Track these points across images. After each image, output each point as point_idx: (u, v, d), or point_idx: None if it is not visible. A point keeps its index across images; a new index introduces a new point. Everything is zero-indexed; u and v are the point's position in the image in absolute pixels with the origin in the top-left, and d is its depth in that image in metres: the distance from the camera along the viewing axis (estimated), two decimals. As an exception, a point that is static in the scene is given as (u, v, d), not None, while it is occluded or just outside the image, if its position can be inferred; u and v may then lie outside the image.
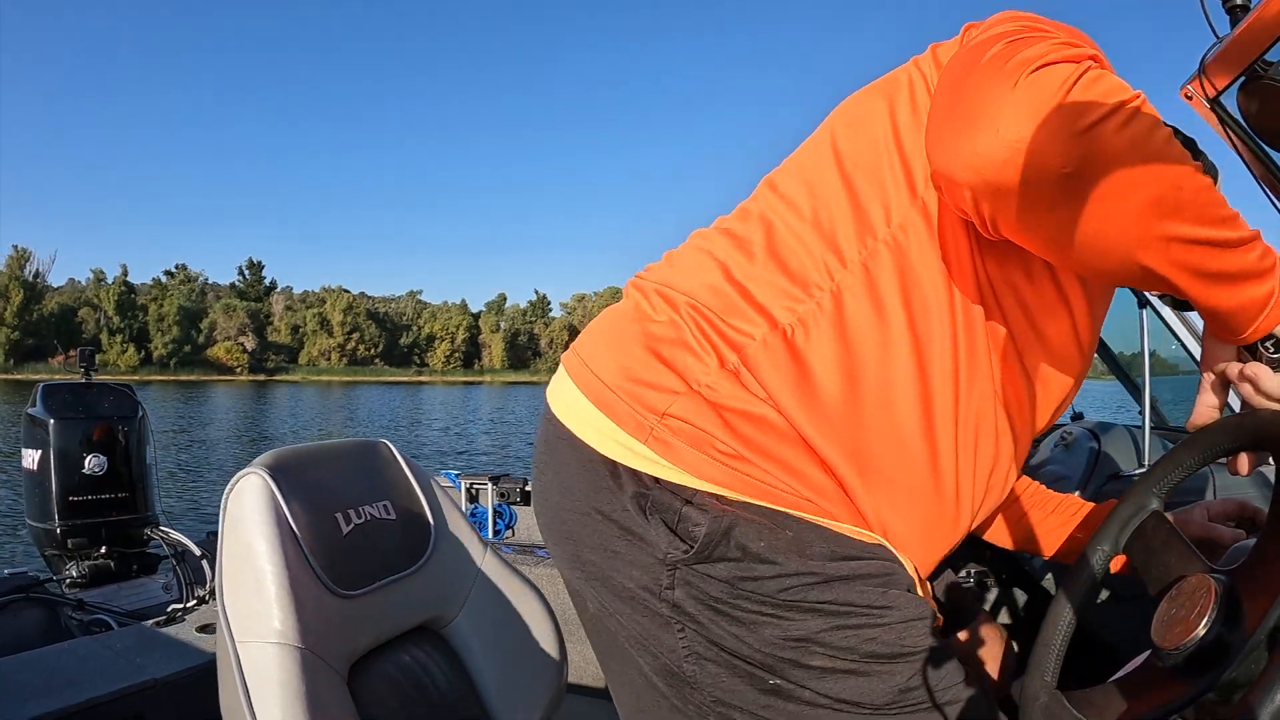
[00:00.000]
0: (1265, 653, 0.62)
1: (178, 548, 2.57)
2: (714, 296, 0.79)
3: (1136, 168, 0.59)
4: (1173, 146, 0.61)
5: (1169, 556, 0.80)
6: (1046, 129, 0.59)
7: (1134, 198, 0.60)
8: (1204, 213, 0.62)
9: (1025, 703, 0.83)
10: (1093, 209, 0.60)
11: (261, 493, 0.85)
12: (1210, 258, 0.63)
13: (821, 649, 0.72)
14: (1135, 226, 0.61)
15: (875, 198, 0.77)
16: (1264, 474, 1.67)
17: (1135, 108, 0.60)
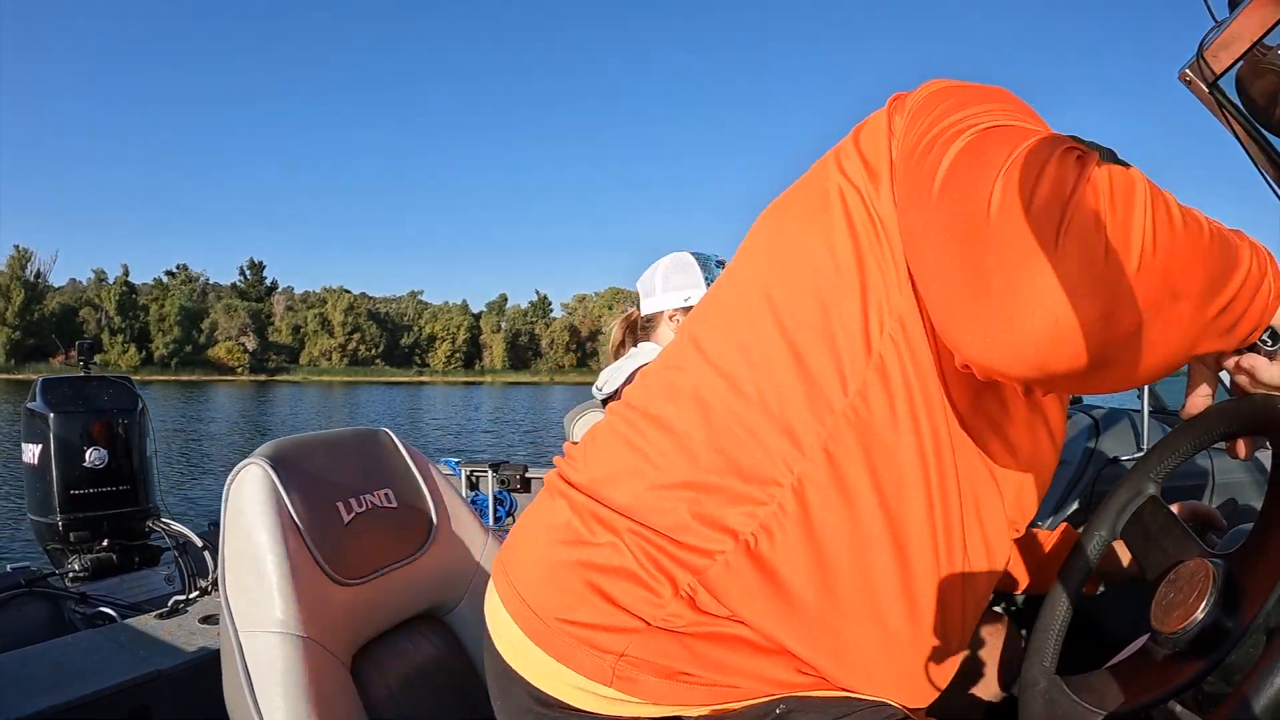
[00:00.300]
0: (1263, 637, 0.62)
1: (179, 539, 2.58)
2: (659, 514, 0.70)
3: (1180, 276, 0.53)
4: (1186, 217, 0.55)
5: (1166, 541, 0.80)
6: (1104, 287, 0.50)
7: (1186, 306, 0.54)
8: (1227, 267, 0.56)
9: (1024, 688, 0.83)
10: (1153, 340, 0.53)
11: (262, 483, 0.84)
12: (1240, 301, 0.57)
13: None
14: (1192, 328, 0.56)
15: (828, 364, 0.68)
16: (1260, 459, 1.68)
17: (1152, 203, 0.52)
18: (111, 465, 2.78)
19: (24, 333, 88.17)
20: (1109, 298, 0.50)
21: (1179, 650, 0.69)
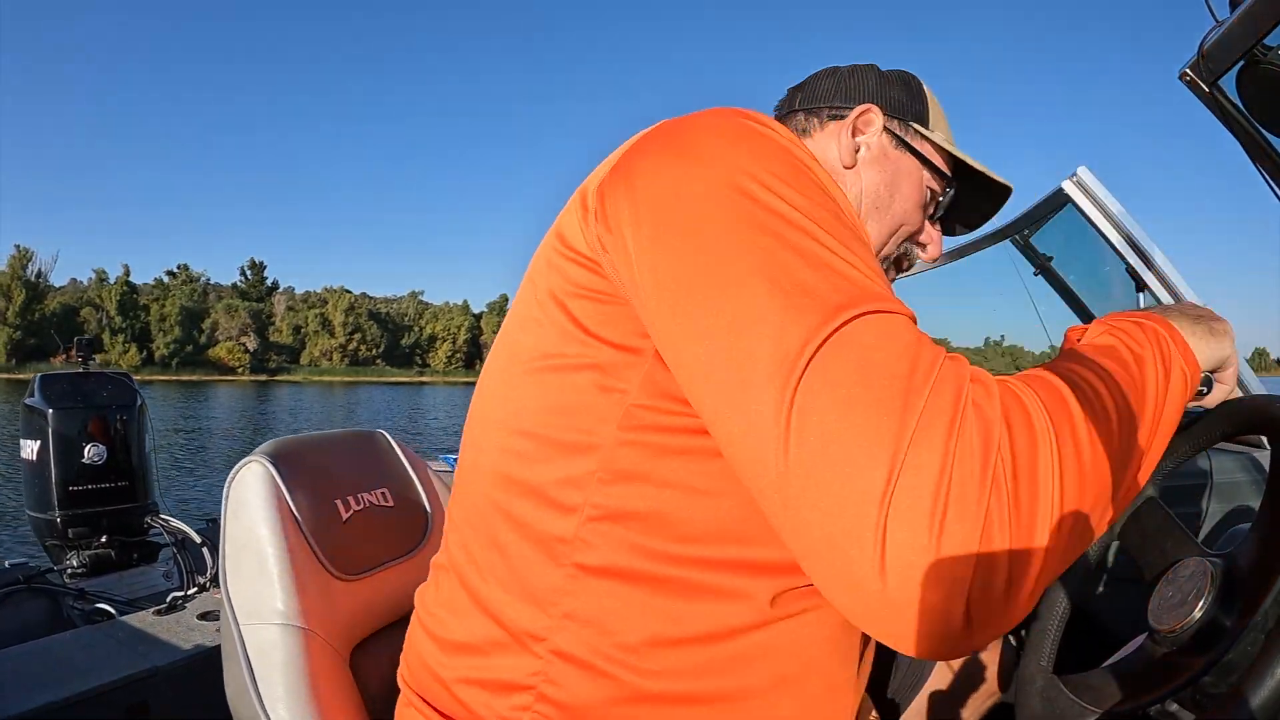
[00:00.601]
0: (1261, 635, 0.62)
1: (178, 535, 2.57)
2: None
3: (1094, 500, 0.50)
4: (1091, 429, 0.51)
5: (1165, 541, 0.80)
6: (1014, 580, 0.46)
7: (1104, 513, 0.52)
8: (1141, 438, 0.56)
9: (1022, 685, 0.83)
10: (1072, 549, 0.50)
11: (263, 479, 0.85)
12: (1157, 439, 0.58)
13: None
14: (1112, 509, 0.53)
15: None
16: (1257, 459, 1.67)
17: (1059, 456, 0.48)
18: (110, 461, 2.78)
19: (25, 332, 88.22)
20: (1019, 579, 0.46)
21: (1177, 649, 0.69)
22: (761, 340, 0.49)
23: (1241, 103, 1.12)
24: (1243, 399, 0.80)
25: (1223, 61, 1.08)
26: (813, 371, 0.47)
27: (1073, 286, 2.56)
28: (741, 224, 0.52)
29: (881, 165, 0.88)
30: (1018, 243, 2.50)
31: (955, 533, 0.44)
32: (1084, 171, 1.78)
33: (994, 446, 0.46)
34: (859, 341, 0.48)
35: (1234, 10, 1.03)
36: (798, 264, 0.51)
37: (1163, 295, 1.73)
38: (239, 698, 0.80)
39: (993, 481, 0.45)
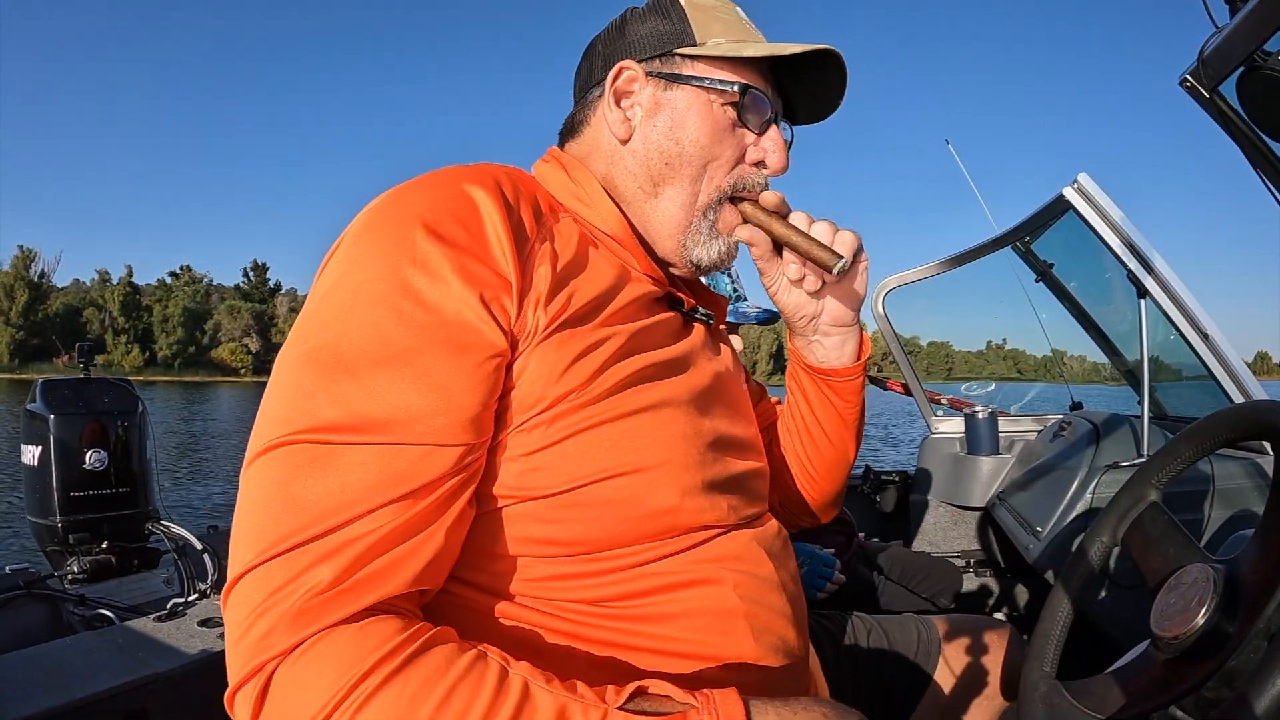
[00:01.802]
0: (1264, 642, 0.62)
1: (179, 542, 2.57)
2: None
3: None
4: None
5: (1168, 547, 0.80)
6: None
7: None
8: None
9: (1024, 691, 0.83)
10: None
11: None
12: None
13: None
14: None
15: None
16: (1260, 465, 1.67)
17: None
18: (111, 467, 2.77)
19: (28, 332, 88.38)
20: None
21: (1179, 656, 0.69)
22: (267, 406, 0.60)
23: (1242, 108, 1.12)
24: (1244, 405, 0.80)
25: (1223, 67, 1.08)
26: (260, 459, 0.58)
27: (1074, 293, 2.56)
28: (303, 322, 0.63)
29: (655, 117, 0.81)
30: (1019, 250, 2.51)
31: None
32: (1084, 178, 1.78)
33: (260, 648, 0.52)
34: (283, 462, 0.57)
35: (1234, 16, 1.03)
36: (306, 374, 0.59)
37: (1163, 301, 1.73)
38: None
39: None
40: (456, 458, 0.60)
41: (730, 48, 0.80)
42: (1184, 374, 2.18)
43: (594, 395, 0.66)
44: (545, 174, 0.83)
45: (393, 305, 0.60)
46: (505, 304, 0.64)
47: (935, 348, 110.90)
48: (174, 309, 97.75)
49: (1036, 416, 2.77)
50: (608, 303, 0.72)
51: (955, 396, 2.99)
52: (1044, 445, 2.17)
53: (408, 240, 0.62)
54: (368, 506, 0.55)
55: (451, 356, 0.60)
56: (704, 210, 0.82)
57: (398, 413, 0.58)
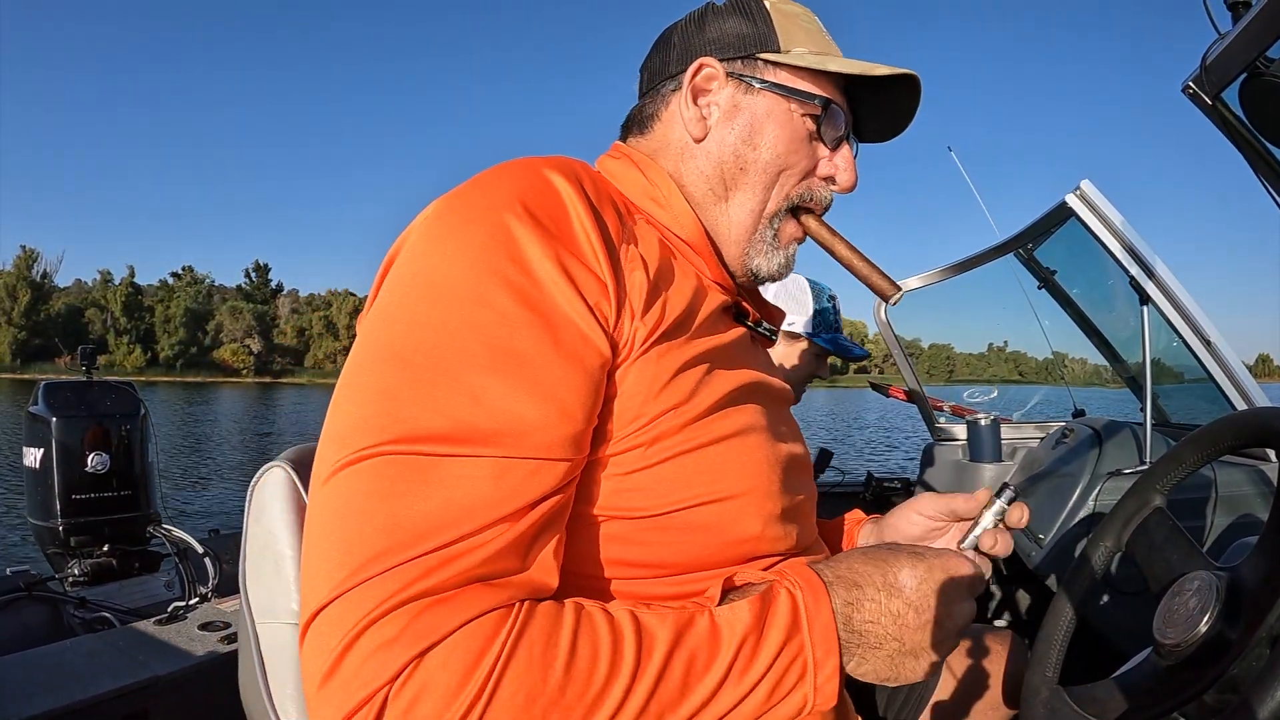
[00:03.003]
0: (1267, 650, 0.61)
1: (180, 545, 2.57)
2: None
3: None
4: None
5: (1172, 553, 0.80)
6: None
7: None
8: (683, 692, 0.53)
9: (1027, 696, 0.83)
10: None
11: (284, 484, 0.85)
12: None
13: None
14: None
15: None
16: (1264, 472, 1.67)
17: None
18: (113, 470, 2.78)
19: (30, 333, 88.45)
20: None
21: (1182, 662, 0.69)
22: (347, 411, 0.56)
23: (1244, 115, 1.12)
24: (1248, 412, 0.80)
25: (1225, 74, 1.08)
26: (345, 471, 0.53)
27: (1076, 300, 2.56)
28: (388, 318, 0.58)
29: (734, 119, 0.78)
30: (1021, 256, 2.51)
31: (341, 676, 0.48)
32: (1087, 185, 1.78)
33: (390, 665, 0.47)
34: (376, 475, 0.52)
35: (1236, 23, 1.03)
36: (399, 376, 0.54)
37: (1165, 307, 1.73)
38: (250, 692, 0.81)
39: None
40: (564, 472, 0.56)
41: (815, 59, 0.78)
42: (1186, 380, 2.18)
43: (691, 415, 0.64)
44: (617, 171, 0.80)
45: (493, 303, 0.55)
46: (606, 309, 0.60)
47: (936, 350, 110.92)
48: (176, 310, 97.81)
49: (1039, 423, 2.77)
50: (694, 315, 0.69)
51: (958, 403, 2.98)
52: (1046, 452, 2.17)
53: (502, 233, 0.58)
54: (475, 525, 0.51)
55: (565, 361, 0.56)
56: (770, 219, 0.80)
57: (509, 423, 0.53)
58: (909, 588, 0.61)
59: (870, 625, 0.60)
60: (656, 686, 0.52)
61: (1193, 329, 1.71)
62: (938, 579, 0.62)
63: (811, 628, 0.58)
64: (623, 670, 0.51)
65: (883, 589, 0.61)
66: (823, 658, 0.57)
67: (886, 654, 0.60)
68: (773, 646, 0.56)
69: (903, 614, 0.60)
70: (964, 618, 0.63)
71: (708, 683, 0.54)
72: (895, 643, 0.60)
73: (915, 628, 0.60)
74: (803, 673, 0.57)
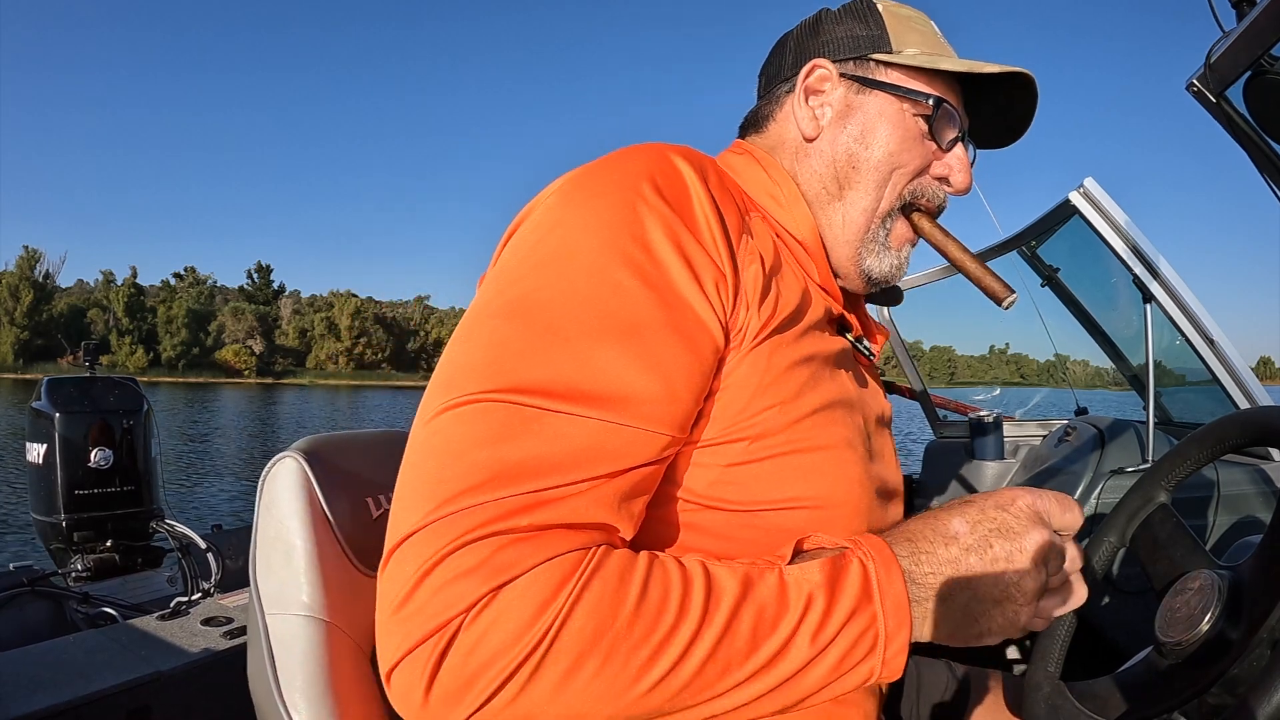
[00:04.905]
0: (1268, 650, 0.61)
1: (183, 541, 2.58)
2: None
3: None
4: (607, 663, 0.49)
5: (1175, 551, 0.80)
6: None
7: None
8: (742, 651, 0.52)
9: (1028, 692, 0.82)
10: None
11: (296, 475, 0.86)
12: (778, 677, 0.53)
13: None
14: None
15: None
16: (1266, 472, 1.67)
17: (520, 668, 0.47)
18: (116, 466, 2.78)
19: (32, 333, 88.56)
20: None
21: (1183, 661, 0.69)
22: (458, 355, 0.57)
23: (1249, 113, 1.11)
24: (1253, 410, 0.80)
25: (1230, 72, 1.08)
26: (449, 413, 0.54)
27: (1079, 298, 2.55)
28: (508, 279, 0.59)
29: (847, 119, 0.79)
30: (1024, 254, 2.50)
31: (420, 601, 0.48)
32: (1090, 183, 1.77)
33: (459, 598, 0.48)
34: (478, 419, 0.52)
35: (1241, 21, 1.03)
36: (514, 332, 0.56)
37: (1169, 306, 1.73)
38: (259, 684, 0.81)
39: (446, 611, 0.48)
40: (662, 446, 0.57)
41: (926, 59, 0.78)
42: (1189, 379, 2.18)
43: (796, 416, 0.64)
44: (738, 167, 0.81)
45: (614, 276, 0.57)
46: (723, 296, 0.61)
47: (938, 352, 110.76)
48: (178, 310, 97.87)
49: (1041, 421, 2.77)
50: (803, 315, 0.69)
51: (961, 401, 2.98)
52: (1049, 450, 2.17)
53: (629, 211, 0.59)
54: (567, 479, 0.51)
55: (678, 340, 0.57)
56: (883, 218, 0.80)
57: (617, 389, 0.54)
58: (963, 532, 0.59)
59: (931, 577, 0.57)
60: (725, 634, 0.51)
61: (1196, 328, 1.71)
62: (993, 519, 0.59)
63: (884, 598, 0.55)
64: (690, 613, 0.51)
65: (936, 540, 0.58)
66: (894, 630, 0.55)
67: (960, 605, 0.57)
68: (843, 612, 0.54)
69: (961, 559, 0.57)
70: (1036, 549, 0.59)
71: (776, 639, 0.53)
72: (966, 591, 0.57)
73: (981, 569, 0.57)
74: (874, 644, 0.54)
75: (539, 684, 0.48)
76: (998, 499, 0.61)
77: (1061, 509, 0.62)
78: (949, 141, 0.80)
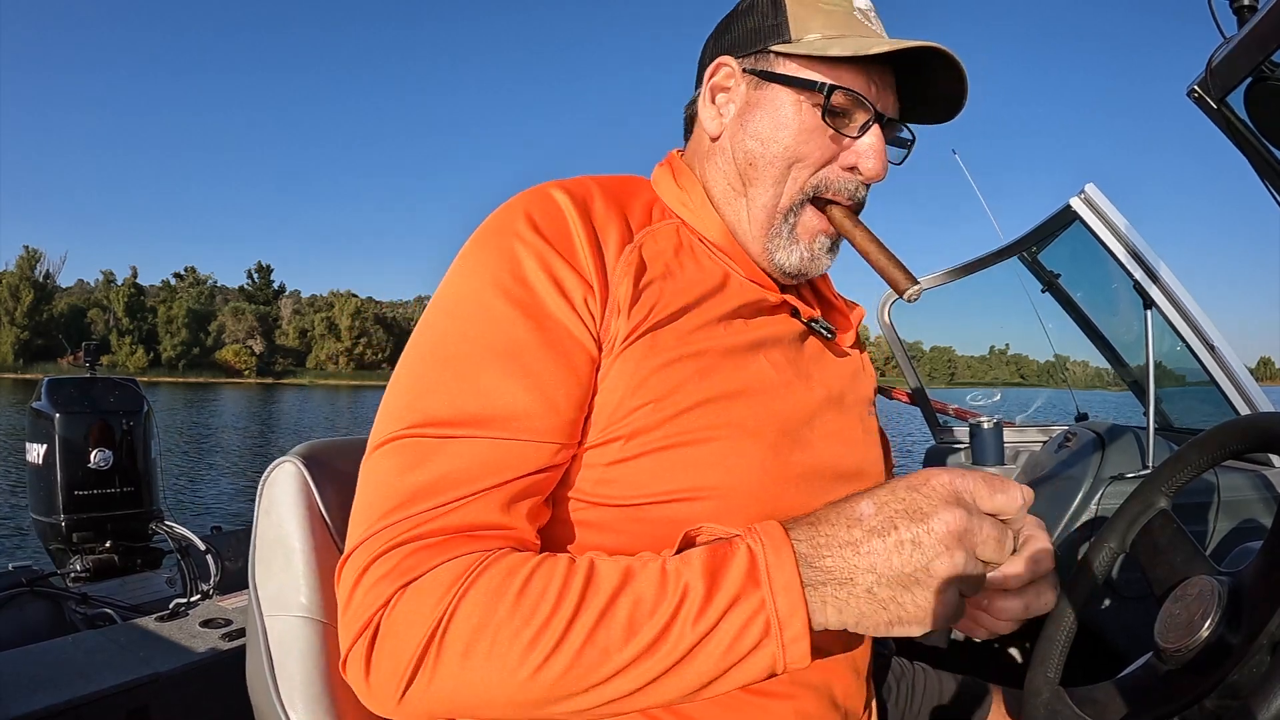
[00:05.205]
0: (1268, 656, 0.61)
1: (182, 542, 2.58)
2: None
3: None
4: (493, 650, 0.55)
5: (1175, 556, 0.80)
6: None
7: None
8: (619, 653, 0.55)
9: (1028, 697, 0.82)
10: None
11: (295, 479, 0.86)
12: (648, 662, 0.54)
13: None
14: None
15: None
16: (1267, 477, 1.67)
17: (423, 653, 0.56)
18: (116, 467, 2.79)
19: (32, 333, 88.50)
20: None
21: (1182, 667, 0.69)
22: (389, 400, 0.67)
23: (1249, 119, 1.12)
24: (1255, 416, 0.80)
25: (1231, 78, 1.08)
26: (376, 452, 0.65)
27: (1080, 303, 2.55)
28: (421, 327, 0.70)
29: (746, 116, 0.79)
30: (1025, 260, 2.50)
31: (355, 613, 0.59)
32: (1091, 189, 1.78)
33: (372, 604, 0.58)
34: (395, 454, 0.63)
35: (1242, 28, 1.03)
36: (421, 373, 0.66)
37: (1169, 312, 1.73)
38: (257, 685, 0.82)
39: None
40: (550, 454, 0.64)
41: (821, 45, 0.75)
42: (1189, 384, 2.18)
43: (673, 411, 0.67)
44: (658, 179, 0.85)
45: (494, 308, 0.65)
46: (593, 308, 0.67)
47: (938, 353, 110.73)
48: (178, 310, 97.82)
49: (1042, 427, 2.77)
50: (697, 314, 0.71)
51: (961, 406, 2.98)
52: (1049, 456, 2.17)
53: (506, 248, 0.68)
54: (464, 492, 0.60)
55: (554, 356, 0.65)
56: (785, 213, 0.79)
57: (502, 409, 0.63)
58: (868, 514, 0.56)
59: (829, 560, 0.55)
60: (600, 620, 0.55)
61: (1196, 333, 1.71)
62: (901, 500, 0.56)
63: (773, 583, 0.54)
64: (566, 602, 0.55)
65: (839, 523, 0.56)
66: (788, 615, 0.54)
67: (864, 589, 0.54)
68: (725, 598, 0.54)
69: (863, 541, 0.55)
70: (947, 531, 0.54)
71: (654, 625, 0.54)
72: (869, 575, 0.54)
73: (885, 552, 0.54)
74: (766, 630, 0.54)
75: (444, 666, 0.55)
76: (911, 479, 0.57)
77: (990, 490, 0.57)
78: (859, 127, 0.76)
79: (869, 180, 0.79)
